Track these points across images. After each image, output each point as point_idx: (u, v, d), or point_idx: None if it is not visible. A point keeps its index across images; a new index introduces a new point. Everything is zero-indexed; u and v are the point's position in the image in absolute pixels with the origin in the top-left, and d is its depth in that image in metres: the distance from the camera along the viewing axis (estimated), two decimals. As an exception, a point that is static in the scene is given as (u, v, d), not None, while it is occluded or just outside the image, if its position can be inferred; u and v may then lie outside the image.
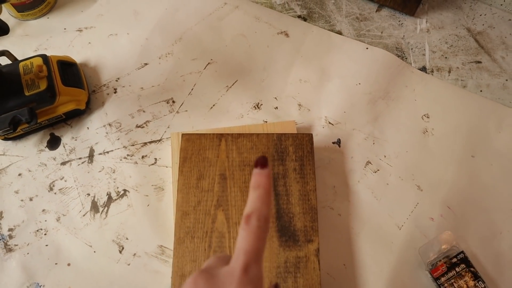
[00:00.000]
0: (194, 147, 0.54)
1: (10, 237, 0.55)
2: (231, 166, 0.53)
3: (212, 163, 0.54)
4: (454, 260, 0.52)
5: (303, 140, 0.55)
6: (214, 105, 0.62)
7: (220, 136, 0.55)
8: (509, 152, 0.59)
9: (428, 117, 0.61)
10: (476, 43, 0.66)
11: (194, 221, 0.51)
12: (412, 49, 0.66)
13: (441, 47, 0.66)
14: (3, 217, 0.56)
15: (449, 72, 0.64)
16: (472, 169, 0.58)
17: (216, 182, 0.53)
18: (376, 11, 0.69)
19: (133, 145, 0.59)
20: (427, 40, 0.66)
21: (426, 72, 0.64)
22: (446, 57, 0.65)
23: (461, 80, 0.64)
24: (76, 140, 0.60)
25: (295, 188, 0.53)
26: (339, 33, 0.67)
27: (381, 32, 0.67)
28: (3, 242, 0.54)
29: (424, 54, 0.65)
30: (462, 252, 0.53)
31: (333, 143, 0.59)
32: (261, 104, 0.62)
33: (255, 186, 0.30)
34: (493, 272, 0.53)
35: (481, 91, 0.63)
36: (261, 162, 0.31)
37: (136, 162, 0.58)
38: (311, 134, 0.55)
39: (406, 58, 0.65)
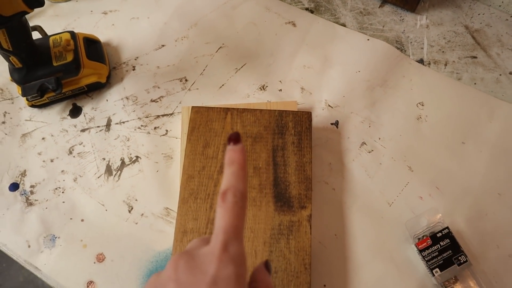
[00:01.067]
0: (202, 119, 0.59)
1: (32, 193, 0.60)
2: (234, 137, 0.58)
3: (217, 134, 0.58)
4: (439, 235, 0.56)
5: (302, 117, 0.59)
6: (223, 85, 0.67)
7: (226, 110, 0.60)
8: (498, 141, 0.63)
9: (422, 105, 0.65)
10: (473, 40, 0.70)
11: (198, 184, 0.56)
12: (411, 42, 0.70)
13: (439, 42, 0.70)
14: (26, 175, 0.61)
15: (445, 65, 0.68)
16: (462, 154, 0.62)
17: (220, 151, 0.57)
18: (379, 7, 0.73)
19: (147, 117, 0.64)
20: (426, 35, 0.71)
21: (423, 64, 0.68)
22: (443, 51, 0.69)
23: (457, 73, 0.67)
24: (95, 110, 0.65)
25: (292, 159, 0.57)
26: (343, 25, 0.72)
27: (383, 26, 0.71)
28: (25, 196, 0.60)
29: (422, 48, 0.69)
30: (447, 227, 0.56)
31: (332, 124, 0.64)
32: (267, 86, 0.66)
33: (229, 163, 0.30)
34: (477, 249, 0.56)
35: (475, 83, 0.67)
36: (234, 138, 0.30)
37: (148, 132, 0.63)
38: (310, 112, 0.60)
39: (405, 51, 0.69)
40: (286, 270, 0.51)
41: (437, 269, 0.54)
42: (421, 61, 0.68)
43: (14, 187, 0.60)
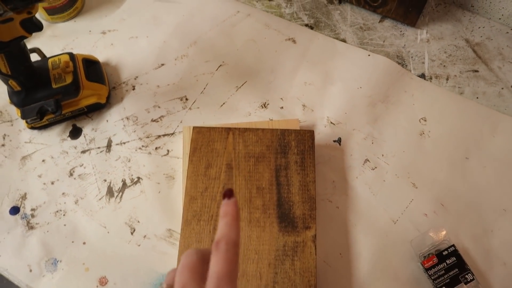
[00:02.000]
0: (203, 139, 0.59)
1: (32, 216, 0.59)
2: (237, 157, 0.58)
3: (219, 154, 0.58)
4: (445, 253, 0.55)
5: (304, 136, 0.59)
6: (224, 103, 0.66)
7: (228, 130, 0.59)
8: (502, 155, 0.62)
9: (425, 121, 0.65)
10: (474, 54, 0.70)
11: (201, 205, 0.55)
12: (412, 57, 0.70)
13: (440, 56, 0.70)
14: (26, 198, 0.60)
15: (447, 79, 0.68)
16: (465, 170, 0.62)
17: (222, 171, 0.57)
18: (379, 22, 0.73)
19: (148, 137, 0.64)
20: (427, 50, 0.71)
21: (424, 79, 0.68)
22: (444, 66, 0.69)
23: (458, 87, 0.67)
24: (96, 131, 0.65)
25: (296, 179, 0.56)
26: (343, 41, 0.72)
27: (383, 41, 0.71)
28: (26, 220, 0.59)
29: (423, 62, 0.69)
30: (453, 245, 0.55)
31: (334, 141, 0.63)
32: (268, 104, 0.66)
33: (223, 215, 0.33)
34: (483, 266, 0.56)
35: (477, 98, 0.67)
36: (228, 194, 0.34)
37: (150, 153, 0.63)
38: (313, 131, 0.59)
39: (406, 66, 0.69)
40: (292, 293, 0.50)
41: (444, 288, 0.54)
42: (422, 76, 0.68)
43: (14, 210, 0.60)
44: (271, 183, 0.56)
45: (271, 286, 0.51)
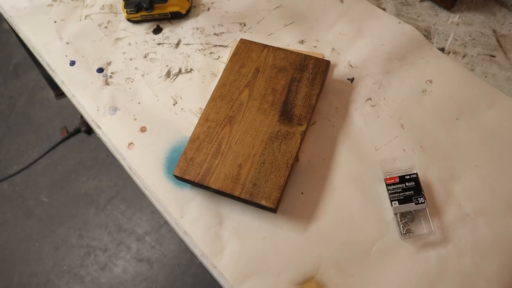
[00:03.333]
0: (244, 48, 0.76)
1: (110, 77, 0.80)
2: (265, 65, 0.74)
3: (253, 60, 0.74)
4: (407, 177, 0.66)
5: (321, 63, 0.73)
6: (271, 33, 0.83)
7: (265, 46, 0.76)
8: (490, 125, 0.70)
9: (431, 82, 0.75)
10: (496, 42, 0.79)
11: (227, 90, 0.72)
12: (438, 33, 0.80)
13: (464, 38, 0.80)
14: (110, 64, 0.82)
15: (463, 56, 0.77)
16: (453, 127, 0.71)
17: (251, 72, 0.73)
18: (419, 1, 0.85)
19: (207, 44, 0.82)
20: (454, 30, 0.81)
21: (443, 52, 0.78)
22: (465, 46, 0.79)
23: (471, 65, 0.77)
24: (172, 32, 0.85)
25: (303, 90, 0.71)
26: (383, 9, 0.84)
27: (417, 17, 0.83)
28: (105, 78, 0.80)
29: (447, 40, 0.80)
30: (416, 174, 0.66)
31: (348, 79, 0.76)
32: (305, 41, 0.81)
33: None
34: (440, 202, 0.65)
35: (485, 77, 0.75)
36: None
37: (205, 55, 0.81)
38: (329, 61, 0.73)
39: (431, 39, 0.80)
40: (272, 163, 0.65)
41: (396, 202, 0.64)
42: (442, 49, 0.78)
43: (100, 70, 0.81)
44: (284, 88, 0.71)
45: (259, 155, 0.66)
